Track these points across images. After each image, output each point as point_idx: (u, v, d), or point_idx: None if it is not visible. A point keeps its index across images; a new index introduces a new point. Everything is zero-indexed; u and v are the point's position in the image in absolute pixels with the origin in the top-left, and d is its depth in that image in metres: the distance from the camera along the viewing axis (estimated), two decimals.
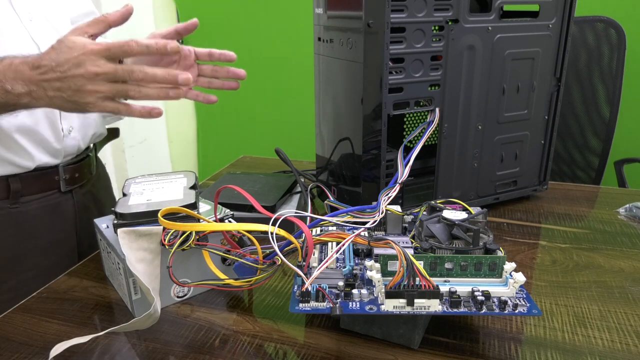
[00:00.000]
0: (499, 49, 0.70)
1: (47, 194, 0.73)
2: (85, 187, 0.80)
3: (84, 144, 0.77)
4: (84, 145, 0.78)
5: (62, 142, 0.73)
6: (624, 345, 0.48)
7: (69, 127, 0.73)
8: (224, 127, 2.08)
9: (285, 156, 0.86)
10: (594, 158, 1.40)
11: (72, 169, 0.76)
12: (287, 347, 0.49)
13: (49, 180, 0.73)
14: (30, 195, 0.71)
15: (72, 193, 0.77)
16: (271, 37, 1.83)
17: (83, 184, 0.79)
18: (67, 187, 0.75)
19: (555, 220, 0.76)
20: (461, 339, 0.49)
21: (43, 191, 0.73)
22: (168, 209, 0.50)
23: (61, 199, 0.75)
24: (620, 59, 1.32)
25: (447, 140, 0.72)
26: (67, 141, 0.73)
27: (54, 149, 0.72)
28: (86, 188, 0.80)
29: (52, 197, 0.74)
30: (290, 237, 0.49)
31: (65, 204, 0.76)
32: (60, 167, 0.74)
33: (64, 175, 0.74)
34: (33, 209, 0.72)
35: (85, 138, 0.77)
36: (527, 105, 0.76)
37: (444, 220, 0.50)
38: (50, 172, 0.73)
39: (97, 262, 0.65)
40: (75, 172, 0.77)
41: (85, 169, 0.79)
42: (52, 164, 0.73)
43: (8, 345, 0.49)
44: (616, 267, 0.63)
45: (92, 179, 0.82)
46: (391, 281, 0.43)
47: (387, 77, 0.64)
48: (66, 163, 0.75)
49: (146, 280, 0.48)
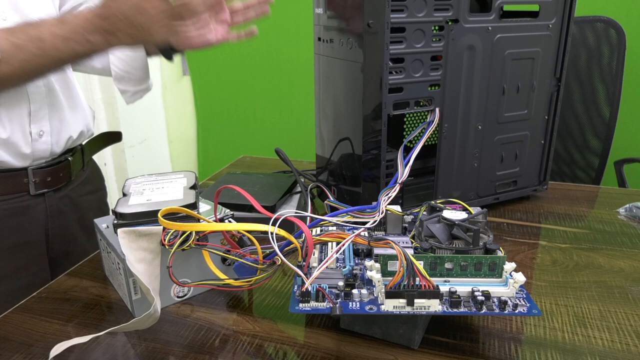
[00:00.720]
0: (499, 49, 0.70)
1: (14, 196, 0.71)
2: (62, 191, 0.78)
3: (59, 148, 0.75)
4: (59, 149, 0.76)
5: (31, 147, 0.71)
6: (624, 345, 0.48)
7: (39, 131, 0.71)
8: (224, 127, 2.08)
9: (285, 156, 0.86)
10: (594, 158, 1.40)
11: (44, 173, 0.74)
12: (287, 347, 0.49)
13: (16, 182, 0.71)
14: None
15: (44, 196, 0.75)
16: (271, 37, 1.83)
17: (59, 187, 0.77)
18: (38, 190, 0.73)
19: (555, 220, 0.76)
20: (461, 339, 0.49)
21: (9, 193, 0.71)
22: (168, 209, 0.50)
23: (31, 202, 0.73)
24: (620, 59, 1.32)
25: (447, 140, 0.72)
26: (37, 145, 0.71)
27: (21, 153, 0.70)
28: (63, 192, 0.78)
29: (19, 200, 0.72)
30: (290, 237, 0.49)
31: (35, 208, 0.74)
32: (30, 170, 0.72)
33: (33, 178, 0.72)
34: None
35: (59, 142, 0.75)
36: (527, 105, 0.76)
37: (444, 220, 0.50)
38: (18, 175, 0.71)
39: (97, 262, 0.65)
40: (48, 175, 0.74)
41: (61, 173, 0.77)
42: (19, 167, 0.71)
43: (8, 345, 0.49)
44: (616, 267, 0.63)
45: (71, 183, 0.80)
46: (391, 281, 0.43)
47: (387, 77, 0.64)
48: (37, 166, 0.73)
49: (146, 280, 0.48)
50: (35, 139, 0.71)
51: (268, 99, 1.93)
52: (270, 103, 1.94)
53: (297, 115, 1.91)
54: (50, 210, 0.76)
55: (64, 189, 0.78)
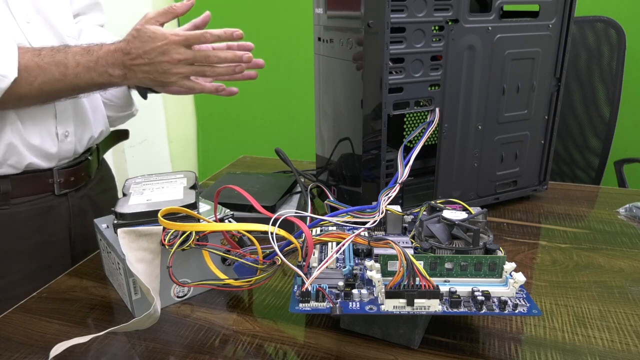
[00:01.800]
0: (499, 49, 0.70)
1: (40, 196, 0.72)
2: (82, 191, 0.79)
3: (81, 147, 0.77)
4: (81, 149, 0.77)
5: (58, 147, 0.72)
6: (624, 345, 0.48)
7: (65, 132, 0.72)
8: (224, 127, 2.08)
9: (285, 156, 0.86)
10: (594, 158, 1.40)
11: (68, 172, 0.75)
12: (287, 347, 0.49)
13: (42, 183, 0.72)
14: (22, 197, 0.70)
15: (67, 196, 0.76)
16: (271, 37, 1.83)
17: (80, 187, 0.78)
18: (62, 190, 0.74)
19: (555, 220, 0.76)
20: (461, 339, 0.49)
21: (35, 193, 0.72)
22: (168, 209, 0.50)
23: (55, 201, 0.74)
24: (620, 59, 1.32)
25: (447, 140, 0.72)
26: (63, 146, 0.73)
27: (49, 154, 0.71)
28: (83, 191, 0.79)
29: (45, 200, 0.73)
30: (290, 237, 0.49)
31: (59, 207, 0.75)
32: (55, 170, 0.73)
33: (58, 178, 0.73)
34: (24, 211, 0.71)
35: (81, 142, 0.76)
36: (527, 105, 0.76)
37: (444, 220, 0.50)
38: (44, 175, 0.72)
39: (97, 262, 0.65)
40: (71, 175, 0.75)
41: (83, 172, 0.78)
42: (45, 167, 0.72)
43: (8, 345, 0.49)
44: (616, 267, 0.63)
45: (90, 182, 0.81)
46: (391, 281, 0.43)
47: (387, 77, 0.64)
48: (61, 166, 0.74)
49: (146, 280, 0.48)
50: (61, 140, 0.72)
51: (268, 99, 1.93)
52: (270, 103, 1.94)
53: (297, 115, 1.91)
54: (73, 210, 0.77)
55: (83, 189, 0.80)
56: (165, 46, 0.64)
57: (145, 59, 0.64)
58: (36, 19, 0.69)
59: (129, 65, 0.65)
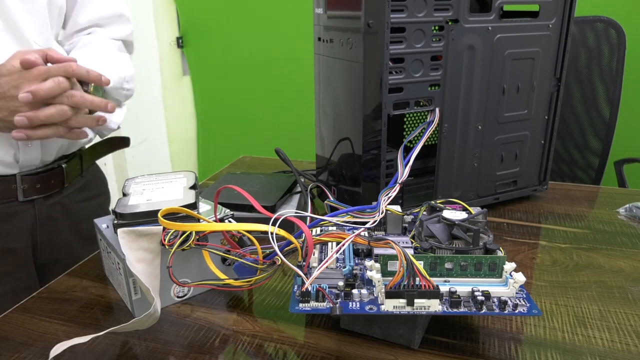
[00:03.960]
0: (499, 49, 0.70)
1: (1, 201, 0.70)
2: (53, 198, 0.76)
3: (49, 156, 0.74)
4: (49, 158, 0.74)
5: (16, 156, 0.69)
6: (624, 345, 0.48)
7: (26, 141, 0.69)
8: (224, 127, 2.08)
9: (285, 156, 0.86)
10: (594, 158, 1.40)
11: (33, 179, 0.72)
12: (287, 347, 0.49)
13: (4, 188, 0.70)
14: None
15: (33, 203, 0.73)
16: (271, 37, 1.83)
17: (50, 194, 0.76)
18: (27, 197, 0.72)
19: (555, 220, 0.76)
20: (461, 339, 0.49)
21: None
22: (168, 209, 0.50)
23: (19, 208, 0.72)
24: (620, 59, 1.32)
25: (447, 140, 0.72)
26: (25, 154, 0.70)
27: (7, 161, 0.69)
28: (55, 199, 0.77)
29: (7, 206, 0.71)
30: (290, 237, 0.49)
31: (23, 214, 0.73)
32: (18, 176, 0.70)
33: (22, 184, 0.71)
34: None
35: (49, 151, 0.73)
36: (527, 105, 0.76)
37: (444, 220, 0.50)
38: (6, 180, 0.70)
39: (97, 262, 0.65)
40: (37, 182, 0.73)
41: (53, 180, 0.75)
42: (6, 174, 0.70)
43: (8, 345, 0.49)
44: (616, 267, 0.63)
45: (65, 189, 0.78)
46: (391, 281, 0.43)
47: (387, 77, 0.64)
48: (26, 173, 0.71)
49: (146, 280, 0.48)
50: (22, 148, 0.69)
51: (268, 99, 1.93)
52: (270, 103, 1.94)
53: (297, 115, 1.91)
54: (40, 217, 0.75)
55: (56, 196, 0.77)
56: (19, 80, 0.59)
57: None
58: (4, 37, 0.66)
59: None
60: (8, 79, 0.59)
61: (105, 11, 0.82)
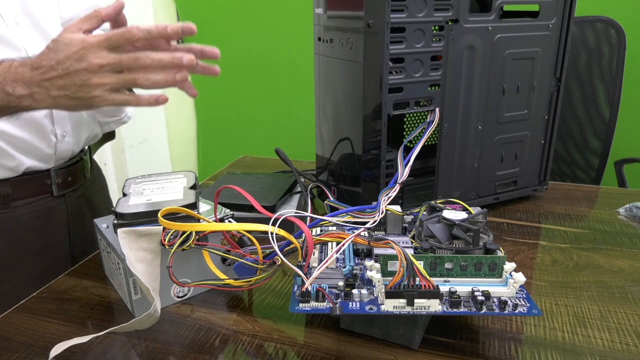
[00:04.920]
0: (499, 49, 0.70)
1: (39, 198, 0.72)
2: (79, 191, 0.79)
3: (78, 147, 0.76)
4: (78, 148, 0.76)
5: (55, 148, 0.71)
6: (624, 345, 0.48)
7: (63, 132, 0.72)
8: (224, 127, 2.08)
9: (285, 156, 0.86)
10: (594, 158, 1.40)
11: (65, 173, 0.74)
12: (287, 347, 0.49)
13: (40, 184, 0.72)
14: (22, 200, 0.70)
15: (65, 197, 0.75)
16: (271, 37, 1.83)
17: (76, 187, 0.78)
18: (60, 191, 0.74)
19: (555, 220, 0.76)
20: (461, 339, 0.49)
21: (34, 195, 0.71)
22: (168, 209, 0.50)
23: (54, 203, 0.74)
24: (620, 59, 1.32)
25: (447, 140, 0.72)
26: (61, 146, 0.72)
27: (46, 155, 0.70)
28: (80, 192, 0.79)
29: (44, 202, 0.73)
30: (290, 237, 0.49)
31: (57, 208, 0.75)
32: (52, 171, 0.72)
33: (56, 179, 0.73)
34: (24, 214, 0.70)
35: (79, 142, 0.76)
36: (527, 105, 0.76)
37: (444, 220, 0.50)
38: (42, 176, 0.72)
39: (97, 262, 0.65)
40: (68, 175, 0.75)
41: (79, 172, 0.78)
42: (43, 169, 0.71)
43: (8, 345, 0.49)
44: (616, 267, 0.63)
45: (86, 182, 0.81)
46: (391, 281, 0.43)
47: (387, 77, 0.64)
48: (58, 167, 0.73)
49: (146, 280, 0.48)
50: (60, 140, 0.71)
51: (268, 99, 1.93)
52: (270, 103, 1.94)
53: (297, 115, 1.90)
54: (71, 210, 0.77)
55: (80, 189, 0.79)
56: (82, 50, 0.52)
57: (59, 70, 0.53)
58: (24, 21, 0.68)
59: (37, 81, 0.53)
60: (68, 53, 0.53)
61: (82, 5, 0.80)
